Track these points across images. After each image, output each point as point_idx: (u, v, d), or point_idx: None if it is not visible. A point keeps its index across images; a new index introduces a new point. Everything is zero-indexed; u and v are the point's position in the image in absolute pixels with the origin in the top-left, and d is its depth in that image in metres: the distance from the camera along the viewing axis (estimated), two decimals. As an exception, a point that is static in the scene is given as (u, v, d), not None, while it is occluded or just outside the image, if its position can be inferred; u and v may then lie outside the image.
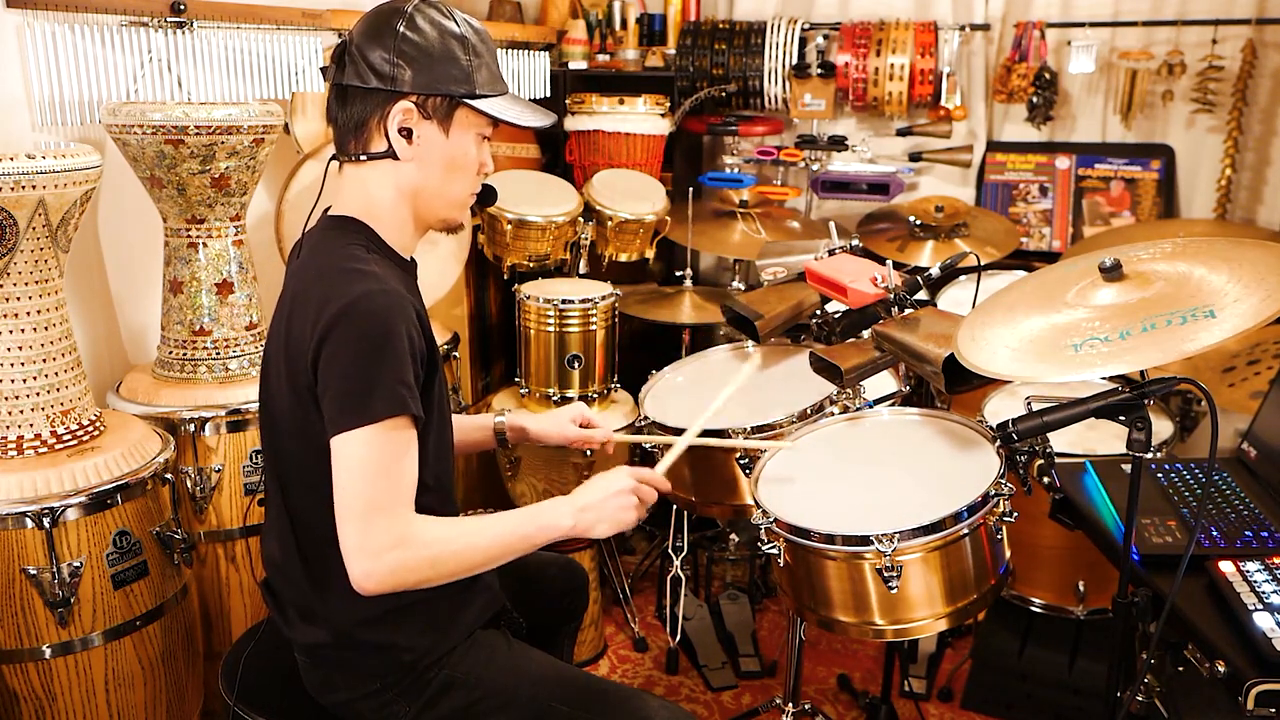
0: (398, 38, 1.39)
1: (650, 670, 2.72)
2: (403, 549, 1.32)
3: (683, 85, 3.30)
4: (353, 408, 1.31)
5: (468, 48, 1.43)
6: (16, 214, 1.73)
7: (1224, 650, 1.30)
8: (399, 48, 1.39)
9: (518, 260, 2.84)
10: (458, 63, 1.42)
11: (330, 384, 1.33)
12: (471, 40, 1.44)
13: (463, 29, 1.43)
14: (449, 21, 1.43)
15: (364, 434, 1.31)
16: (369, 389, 1.31)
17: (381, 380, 1.32)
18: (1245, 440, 1.84)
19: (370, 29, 1.41)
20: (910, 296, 1.96)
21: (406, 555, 1.32)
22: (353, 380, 1.32)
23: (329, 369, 1.33)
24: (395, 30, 1.39)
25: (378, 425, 1.31)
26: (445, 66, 1.41)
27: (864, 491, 1.71)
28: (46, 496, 1.76)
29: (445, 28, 1.42)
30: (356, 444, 1.32)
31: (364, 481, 1.32)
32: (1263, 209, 3.01)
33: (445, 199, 1.50)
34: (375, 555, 1.31)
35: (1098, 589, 2.23)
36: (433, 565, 1.35)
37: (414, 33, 1.40)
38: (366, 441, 1.32)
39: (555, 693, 1.49)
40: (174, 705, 1.98)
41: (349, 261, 1.40)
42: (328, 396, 1.34)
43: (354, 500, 1.32)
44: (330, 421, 1.33)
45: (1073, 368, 1.39)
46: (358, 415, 1.31)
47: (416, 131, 1.43)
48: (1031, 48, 3.05)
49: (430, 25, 1.41)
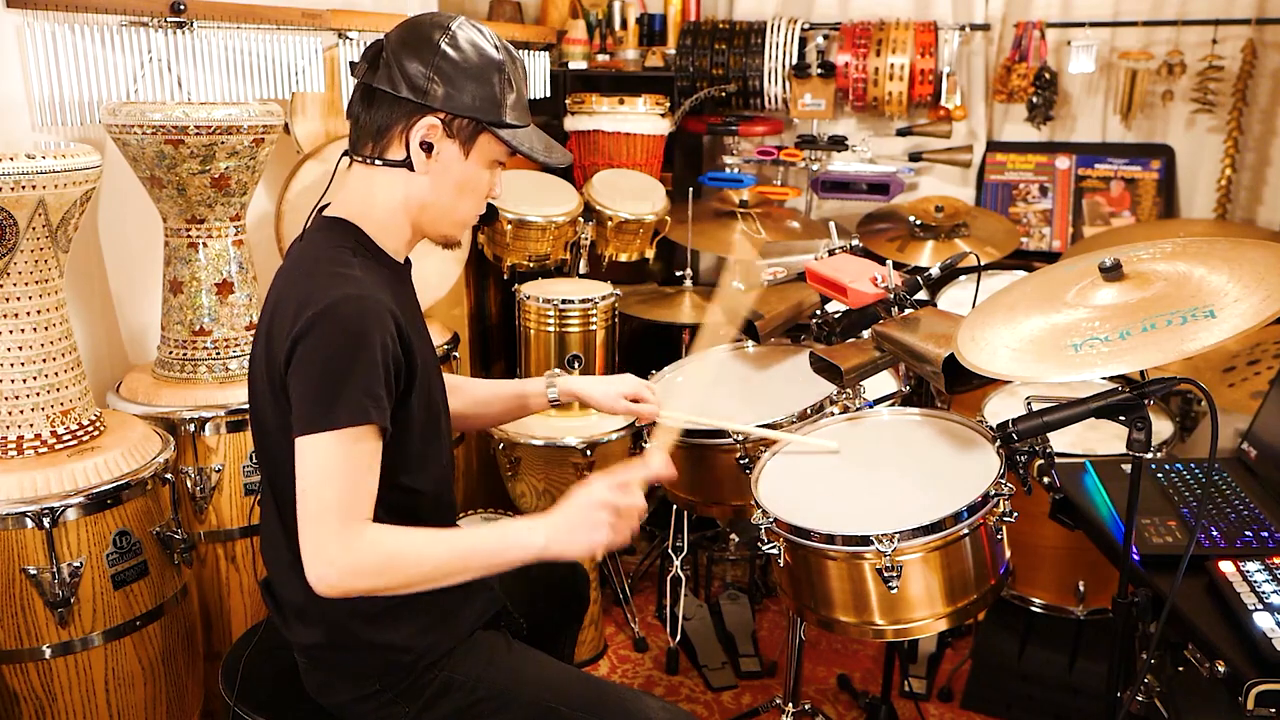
0: (438, 53, 1.39)
1: (650, 670, 2.72)
2: (351, 556, 1.31)
3: (683, 85, 3.30)
4: (316, 413, 1.31)
5: (503, 76, 1.43)
6: (16, 214, 1.73)
7: (1224, 650, 1.30)
8: (437, 63, 1.39)
9: (518, 260, 2.84)
10: (491, 88, 1.42)
11: (298, 387, 1.33)
12: (508, 70, 1.44)
13: (501, 56, 1.43)
14: (488, 46, 1.43)
15: (324, 440, 1.31)
16: (334, 396, 1.31)
17: (348, 388, 1.31)
18: (1245, 440, 1.84)
19: (411, 38, 1.40)
20: (910, 296, 1.96)
21: (355, 562, 1.31)
22: (319, 385, 1.31)
23: (298, 371, 1.33)
24: (436, 45, 1.39)
25: (338, 432, 1.31)
26: (478, 90, 1.41)
27: (864, 491, 1.71)
28: (46, 496, 1.76)
29: (485, 52, 1.42)
30: (315, 449, 1.31)
31: (320, 487, 1.31)
32: (1263, 209, 3.01)
33: (451, 218, 1.50)
34: (328, 561, 1.30)
35: (1098, 589, 2.23)
36: (380, 574, 1.33)
37: (454, 50, 1.40)
38: (326, 448, 1.31)
39: (555, 693, 1.49)
40: (174, 705, 1.98)
41: (332, 264, 1.40)
42: (295, 398, 1.34)
43: (309, 504, 1.31)
44: (294, 422, 1.33)
45: (1073, 368, 1.39)
46: (319, 421, 1.31)
47: (437, 148, 1.42)
48: (1031, 48, 3.05)
49: (471, 47, 1.41)
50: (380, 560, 1.33)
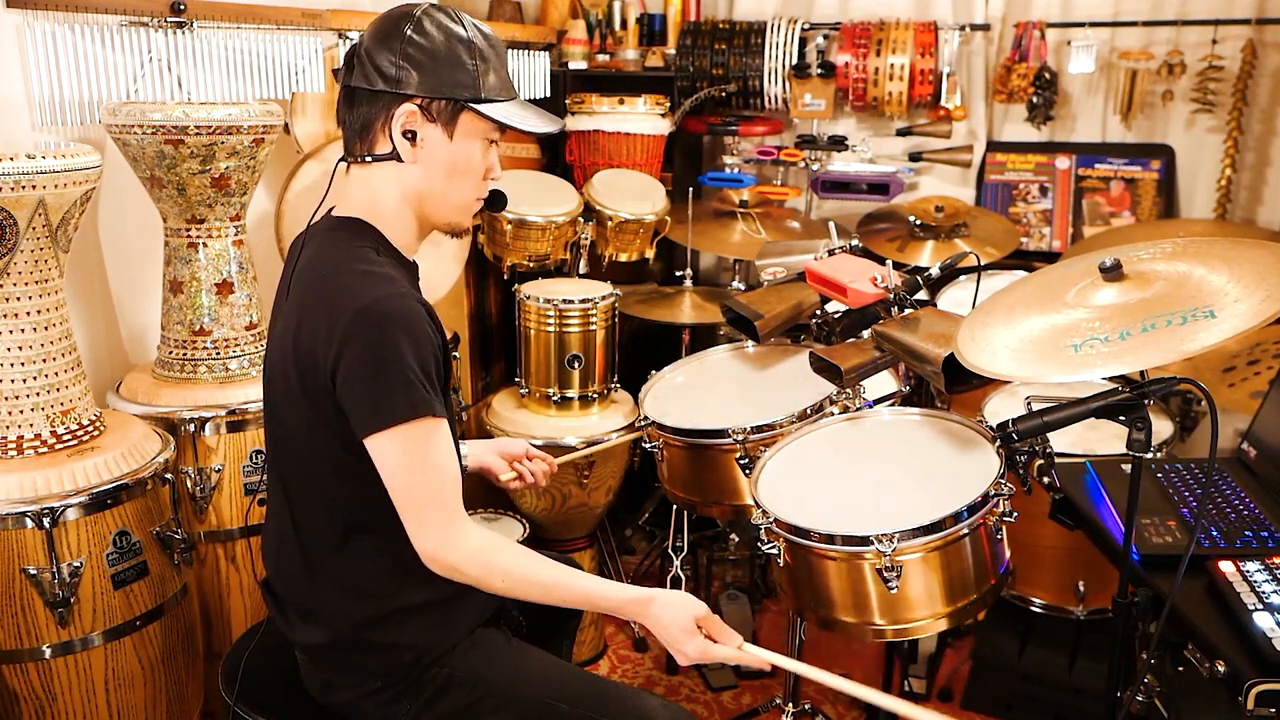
0: (404, 41, 1.40)
1: (650, 670, 2.72)
2: (457, 554, 1.39)
3: (683, 85, 3.29)
4: (382, 411, 1.34)
5: (474, 52, 1.43)
6: (16, 214, 1.73)
7: (1224, 650, 1.30)
8: (404, 51, 1.40)
9: (518, 260, 2.84)
10: (464, 67, 1.42)
11: (356, 388, 1.34)
12: (479, 45, 1.44)
13: (470, 34, 1.44)
14: (457, 26, 1.43)
15: (393, 436, 1.34)
16: (396, 391, 1.33)
17: (406, 382, 1.34)
18: (1245, 440, 1.84)
19: (379, 33, 1.42)
20: (910, 296, 1.96)
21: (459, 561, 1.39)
22: (380, 383, 1.33)
23: (353, 373, 1.34)
24: (402, 34, 1.40)
25: (408, 426, 1.34)
26: (451, 70, 1.41)
27: (864, 491, 1.71)
28: (46, 496, 1.76)
29: (452, 32, 1.42)
30: (388, 446, 1.35)
31: (404, 481, 1.36)
32: (1263, 209, 3.01)
33: (449, 203, 1.50)
34: (434, 550, 1.38)
35: (1098, 589, 2.23)
36: (482, 580, 1.40)
37: (421, 36, 1.40)
38: (397, 444, 1.35)
39: (555, 692, 1.49)
40: (174, 705, 1.98)
41: (362, 264, 1.40)
42: (354, 400, 1.35)
43: (401, 498, 1.37)
44: (360, 424, 1.36)
45: (1073, 368, 1.38)
46: (387, 418, 1.34)
47: (420, 134, 1.43)
48: (1031, 48, 3.05)
49: (437, 29, 1.42)
50: (481, 570, 1.40)
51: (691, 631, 1.41)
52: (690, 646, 1.40)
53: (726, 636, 1.43)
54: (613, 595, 1.44)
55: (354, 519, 1.46)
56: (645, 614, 1.42)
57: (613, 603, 1.45)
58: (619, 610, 1.46)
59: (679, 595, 1.43)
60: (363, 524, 1.45)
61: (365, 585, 1.47)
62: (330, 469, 1.43)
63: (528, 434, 2.59)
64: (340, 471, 1.42)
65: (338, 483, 1.43)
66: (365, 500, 1.41)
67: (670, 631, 1.41)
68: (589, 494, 2.66)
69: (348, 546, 1.47)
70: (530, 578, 1.42)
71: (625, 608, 1.45)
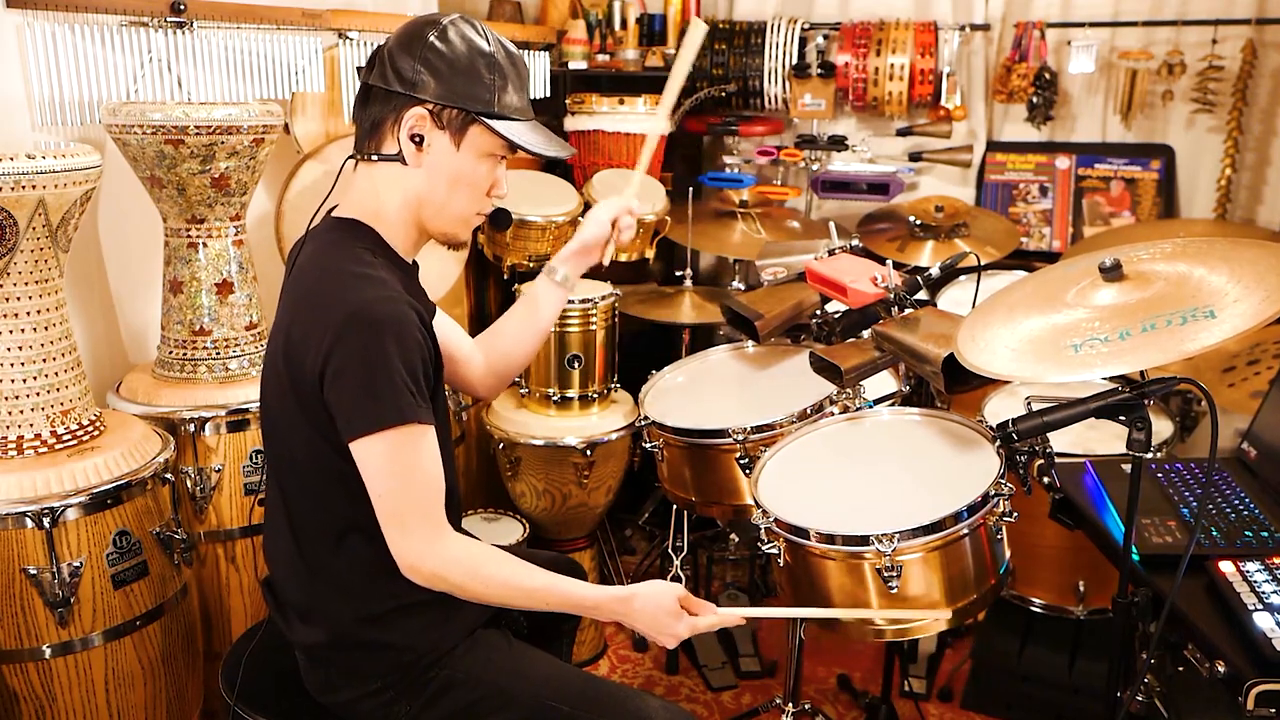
0: (426, 46, 1.41)
1: (650, 670, 2.72)
2: (436, 562, 1.40)
3: (683, 85, 3.29)
4: (367, 415, 1.34)
5: (494, 67, 1.44)
6: (16, 214, 1.73)
7: (1224, 650, 1.30)
8: (425, 56, 1.41)
9: (518, 260, 2.84)
10: (481, 80, 1.43)
11: (343, 390, 1.34)
12: (500, 61, 1.44)
13: (494, 49, 1.44)
14: (481, 40, 1.44)
15: (379, 440, 1.34)
16: (381, 395, 1.33)
17: (393, 387, 1.33)
18: (1245, 440, 1.84)
19: (404, 36, 1.43)
20: (910, 296, 1.96)
21: (439, 569, 1.40)
22: (365, 387, 1.33)
23: (340, 376, 1.34)
24: (426, 39, 1.41)
25: (392, 431, 1.34)
26: (467, 81, 1.42)
27: (864, 491, 1.71)
28: (46, 496, 1.76)
29: (475, 45, 1.43)
30: (374, 451, 1.35)
31: (387, 486, 1.36)
32: (1263, 209, 3.01)
33: (448, 213, 1.50)
34: (416, 559, 1.39)
35: (1098, 589, 2.23)
36: (463, 588, 1.41)
37: (443, 44, 1.41)
38: (381, 449, 1.35)
39: (555, 692, 1.49)
40: (174, 705, 1.98)
41: (355, 265, 1.40)
42: (340, 402, 1.35)
43: (385, 505, 1.38)
44: (345, 427, 1.35)
45: (1073, 368, 1.38)
46: (372, 422, 1.34)
47: (428, 139, 1.43)
48: (1031, 48, 3.05)
49: (461, 40, 1.42)
50: (463, 577, 1.41)
51: (677, 613, 1.46)
52: (681, 626, 1.47)
53: (704, 609, 1.50)
54: (594, 596, 1.47)
55: (350, 519, 1.45)
56: (630, 610, 1.45)
57: (594, 604, 1.47)
58: (601, 610, 1.48)
59: (656, 583, 1.48)
60: (359, 524, 1.45)
61: (363, 585, 1.47)
62: (323, 470, 1.43)
63: (528, 434, 2.59)
64: (333, 472, 1.42)
65: (331, 483, 1.43)
66: (360, 501, 1.40)
67: (658, 619, 1.45)
68: (589, 494, 2.66)
69: (344, 547, 1.47)
70: (511, 584, 1.43)
71: (608, 607, 1.47)
